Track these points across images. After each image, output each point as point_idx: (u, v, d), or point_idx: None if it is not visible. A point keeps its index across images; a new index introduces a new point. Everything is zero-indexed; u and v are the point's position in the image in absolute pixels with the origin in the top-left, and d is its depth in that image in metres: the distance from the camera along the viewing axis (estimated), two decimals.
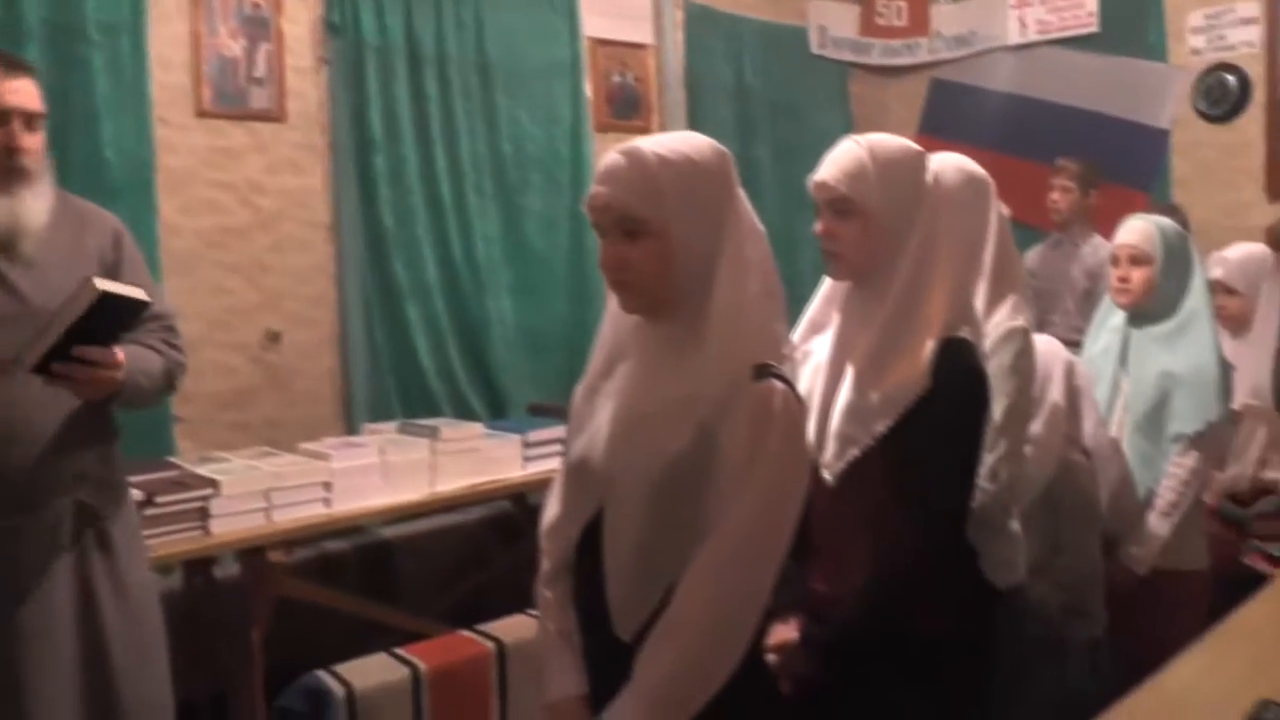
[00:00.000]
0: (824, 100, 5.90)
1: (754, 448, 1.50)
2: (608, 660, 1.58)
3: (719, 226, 1.55)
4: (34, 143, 2.17)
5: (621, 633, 1.56)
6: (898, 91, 6.26)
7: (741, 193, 1.61)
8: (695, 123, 5.16)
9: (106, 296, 1.97)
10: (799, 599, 1.88)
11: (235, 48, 3.87)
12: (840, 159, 1.85)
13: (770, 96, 5.58)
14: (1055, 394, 2.42)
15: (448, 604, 3.67)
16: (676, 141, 1.57)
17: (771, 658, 1.79)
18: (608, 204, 1.54)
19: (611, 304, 1.66)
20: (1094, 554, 2.50)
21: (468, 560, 3.92)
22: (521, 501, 3.75)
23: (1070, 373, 2.48)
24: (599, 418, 1.62)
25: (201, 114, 3.81)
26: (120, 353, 2.11)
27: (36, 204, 2.16)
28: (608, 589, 1.57)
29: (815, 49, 5.91)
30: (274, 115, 3.96)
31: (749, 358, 1.53)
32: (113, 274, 2.22)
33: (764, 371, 1.53)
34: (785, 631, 1.82)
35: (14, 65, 2.19)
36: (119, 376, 2.10)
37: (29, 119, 2.16)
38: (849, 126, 5.87)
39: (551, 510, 1.73)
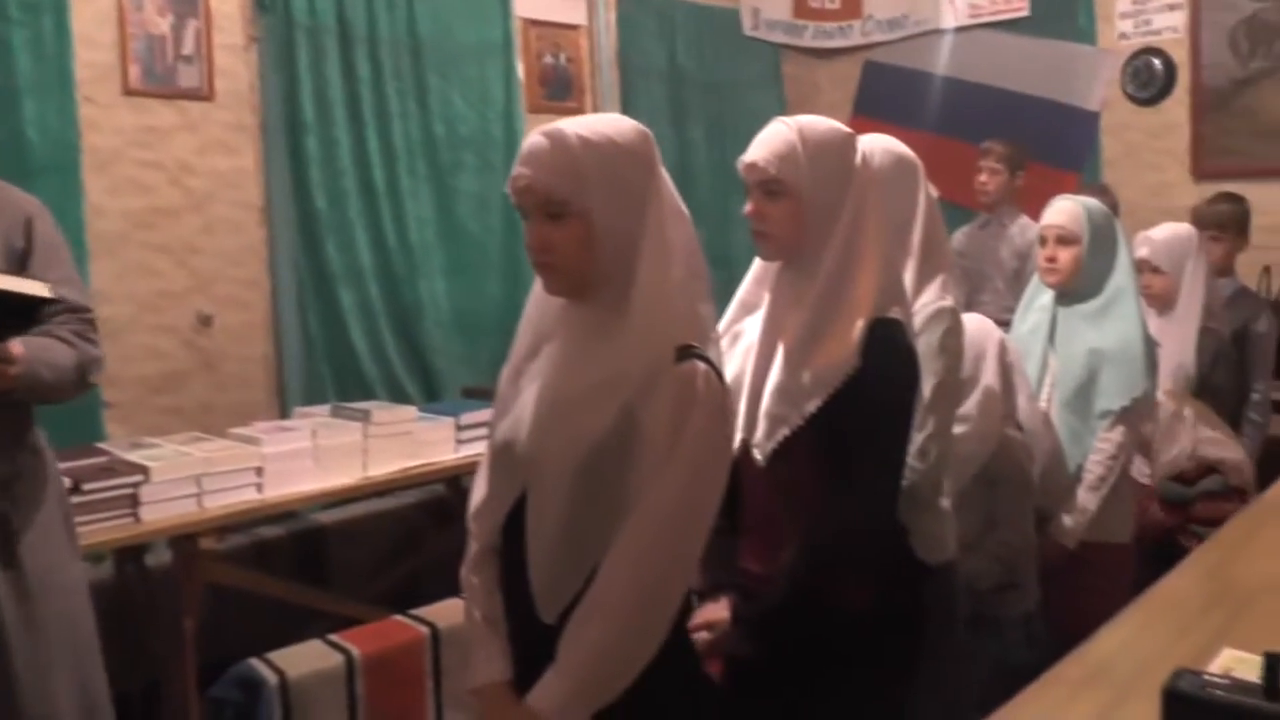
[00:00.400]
0: (757, 81, 5.91)
1: (676, 428, 1.50)
2: (533, 644, 1.58)
3: (641, 208, 1.54)
4: None
5: (545, 615, 1.55)
6: (830, 73, 6.30)
7: (665, 175, 1.61)
8: (628, 104, 5.15)
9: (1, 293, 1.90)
10: (730, 578, 1.89)
11: (163, 25, 3.79)
12: (770, 140, 1.85)
13: (703, 78, 5.58)
14: (989, 372, 2.46)
15: (382, 588, 3.65)
16: (599, 123, 1.57)
17: (703, 636, 1.81)
18: (530, 186, 1.53)
19: (536, 286, 1.65)
20: (1028, 528, 2.55)
21: (401, 544, 3.90)
22: (455, 485, 3.73)
23: (1003, 350, 2.52)
24: (523, 400, 1.62)
25: (128, 92, 3.74)
26: (16, 345, 2.02)
27: None
28: (531, 572, 1.56)
29: (748, 31, 5.92)
30: (203, 94, 3.90)
31: (672, 339, 1.53)
32: (21, 261, 2.14)
33: (687, 353, 1.53)
34: (716, 610, 1.84)
35: None
36: (15, 371, 2.01)
37: None
38: (782, 108, 5.90)
39: (478, 493, 1.72)
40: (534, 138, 1.56)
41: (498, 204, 4.60)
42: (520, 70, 4.79)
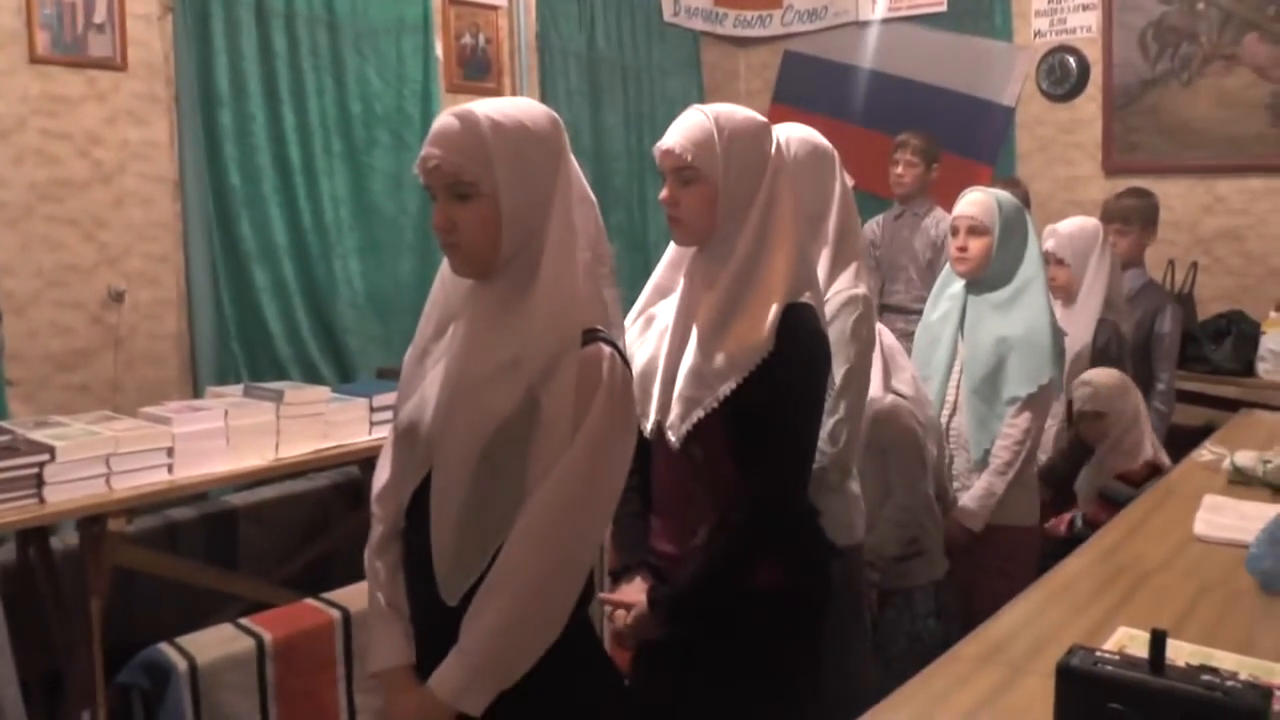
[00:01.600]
0: (675, 68, 5.93)
1: (579, 411, 1.51)
2: (436, 627, 1.58)
3: (548, 192, 1.55)
4: None
5: (448, 598, 1.55)
6: (749, 61, 6.34)
7: (573, 160, 1.61)
8: (546, 86, 5.13)
9: None
10: (643, 559, 1.91)
11: None
12: (686, 127, 1.87)
13: (622, 62, 5.58)
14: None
15: (293, 571, 3.60)
16: (510, 106, 1.57)
17: (620, 616, 1.82)
18: (439, 166, 1.53)
19: (443, 266, 1.66)
20: (924, 489, 2.60)
21: (313, 527, 3.85)
22: (368, 467, 3.67)
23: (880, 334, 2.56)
24: (428, 380, 1.61)
25: (35, 60, 3.62)
26: None
27: None
28: (434, 554, 1.56)
29: (668, 17, 5.92)
30: (114, 64, 3.79)
31: (577, 322, 1.54)
32: None
33: (592, 336, 1.54)
34: (631, 592, 1.85)
35: None
36: None
37: None
38: (700, 95, 5.93)
39: (381, 475, 1.72)
40: (444, 118, 1.55)
41: (412, 183, 4.54)
42: (439, 49, 4.74)
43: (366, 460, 3.59)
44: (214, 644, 2.65)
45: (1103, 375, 3.02)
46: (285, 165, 4.16)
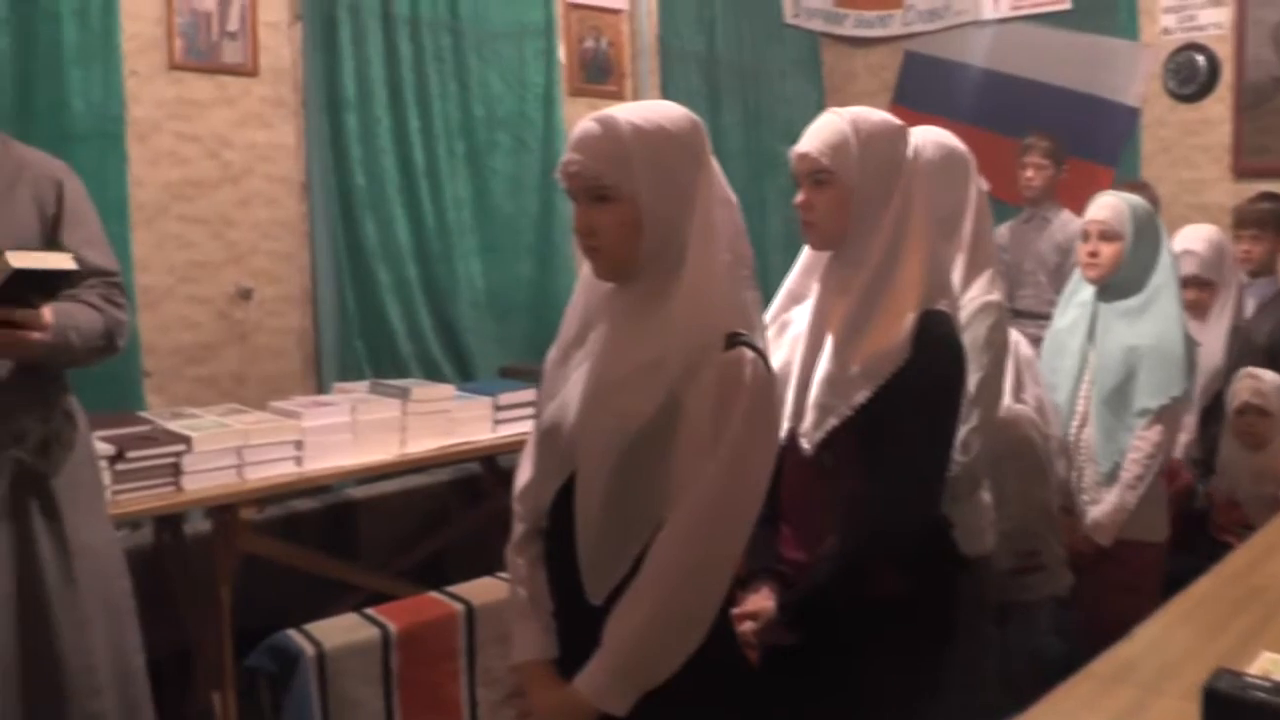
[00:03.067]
0: (794, 69, 5.90)
1: (721, 415, 1.52)
2: (579, 625, 1.60)
3: (689, 196, 1.56)
4: None
5: (593, 597, 1.57)
6: (868, 62, 6.28)
7: (714, 163, 1.63)
8: (666, 89, 5.15)
9: (21, 273, 1.93)
10: (770, 565, 1.91)
11: (208, 1, 3.81)
12: (822, 131, 1.87)
13: (741, 64, 5.57)
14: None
15: (410, 564, 3.68)
16: (650, 110, 1.59)
17: (748, 626, 1.83)
18: (579, 170, 1.55)
19: (584, 270, 1.68)
20: (1041, 501, 2.55)
21: (431, 521, 3.92)
22: (490, 464, 3.75)
23: (1016, 345, 2.52)
24: (570, 383, 1.64)
25: (172, 66, 3.76)
26: (47, 313, 2.05)
27: None
28: (579, 553, 1.58)
29: (788, 18, 5.90)
30: (245, 70, 3.91)
31: (718, 326, 1.55)
32: (52, 226, 2.17)
33: (734, 340, 1.55)
34: (759, 600, 1.86)
35: None
36: (44, 338, 2.04)
37: None
38: (819, 96, 5.89)
39: (523, 475, 1.74)
40: (585, 123, 1.58)
41: (533, 186, 4.61)
42: (561, 53, 4.79)
43: (488, 458, 3.66)
44: (340, 632, 2.72)
45: (1270, 373, 2.93)
46: (409, 167, 4.24)
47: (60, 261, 2.01)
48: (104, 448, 2.70)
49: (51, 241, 2.16)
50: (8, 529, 2.12)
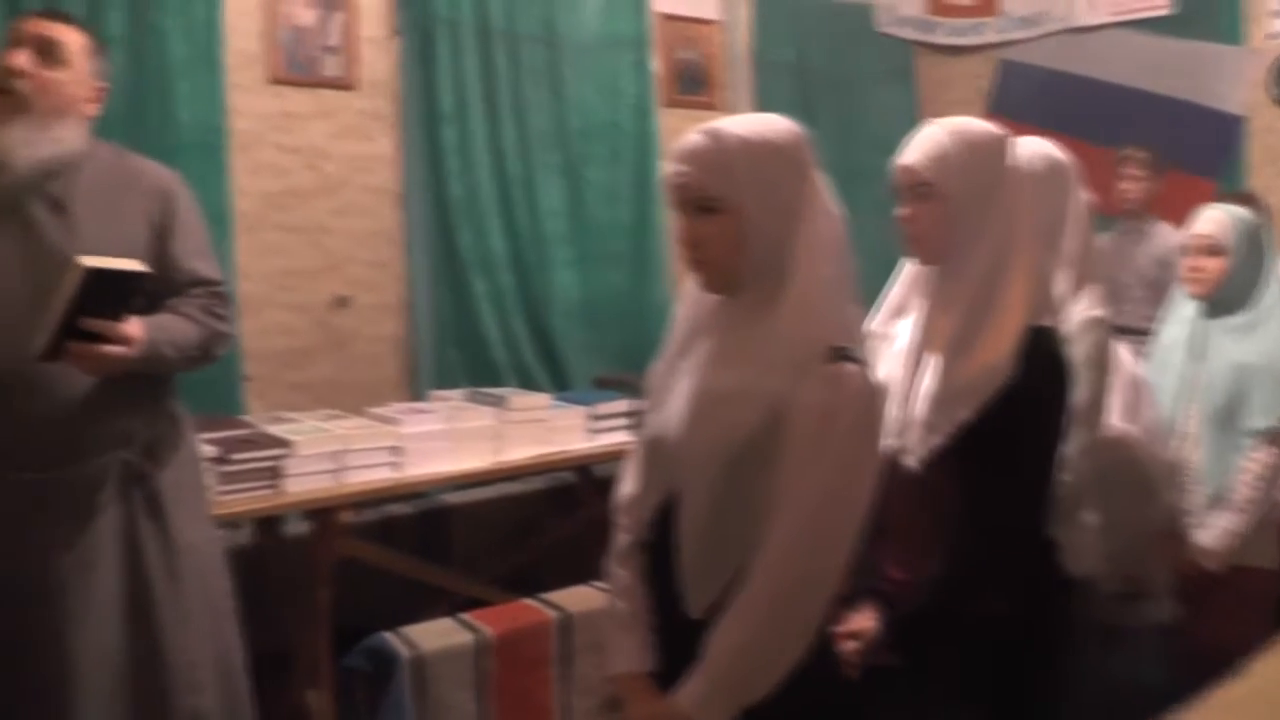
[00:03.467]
0: (887, 78, 5.85)
1: (825, 430, 1.51)
2: (678, 638, 1.60)
3: (794, 208, 1.56)
4: (46, 76, 2.13)
5: (693, 610, 1.58)
6: (961, 71, 6.19)
7: (819, 176, 1.62)
8: (758, 99, 5.15)
9: (99, 272, 1.94)
10: (871, 584, 1.90)
11: (309, 17, 3.91)
12: (923, 142, 1.86)
13: (833, 74, 5.54)
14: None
15: (504, 571, 3.72)
16: (756, 123, 1.59)
17: (851, 645, 1.81)
18: (685, 182, 1.56)
19: (689, 282, 1.68)
20: (1148, 526, 2.48)
21: (525, 529, 3.96)
22: (584, 473, 3.78)
23: (1129, 364, 2.47)
24: (675, 395, 1.64)
25: (273, 80, 3.86)
26: (135, 325, 2.08)
27: (29, 139, 2.11)
28: (681, 566, 1.59)
29: (880, 27, 5.86)
30: (344, 83, 4.00)
31: (823, 339, 1.54)
32: (162, 235, 2.22)
33: (838, 354, 1.54)
34: (862, 620, 1.84)
35: (53, 12, 2.21)
36: (131, 352, 2.07)
37: (46, 49, 2.14)
38: (912, 105, 5.83)
39: (627, 486, 1.76)
40: (691, 135, 1.59)
41: (627, 196, 4.65)
42: (654, 65, 4.81)
43: (583, 466, 3.69)
44: (436, 636, 2.76)
45: None
46: (504, 178, 4.29)
47: (130, 265, 2.02)
48: (207, 450, 2.78)
49: (160, 251, 2.22)
50: (115, 528, 2.17)
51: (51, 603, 2.12)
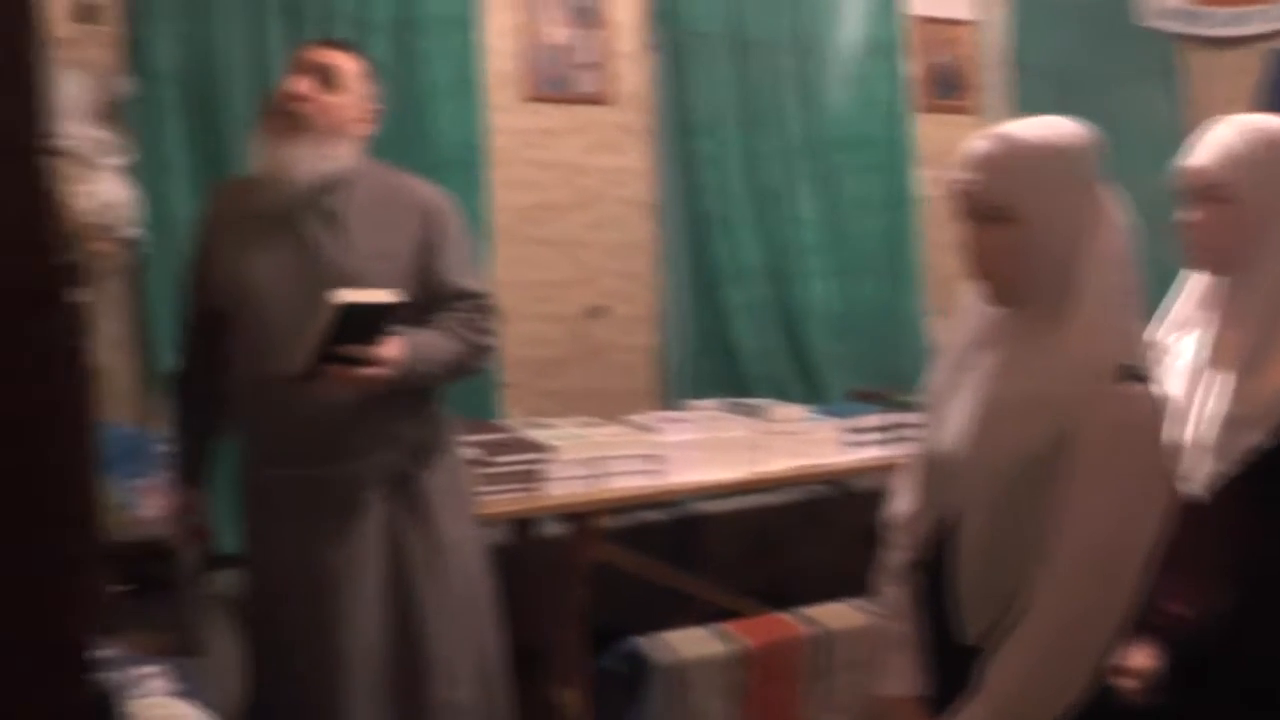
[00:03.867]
0: (1149, 76, 5.52)
1: (1114, 451, 1.45)
2: (951, 662, 1.57)
3: (1083, 217, 1.51)
4: (324, 100, 2.25)
5: (969, 635, 1.54)
6: (1226, 64, 5.78)
7: (1106, 184, 1.56)
8: (1016, 101, 4.95)
9: (352, 306, 2.04)
10: (1149, 618, 1.79)
11: (564, 35, 4.02)
12: (1212, 142, 1.76)
13: (1094, 73, 5.27)
14: None
15: (755, 582, 3.71)
16: (1046, 128, 1.54)
17: (1130, 684, 1.72)
18: (970, 190, 1.52)
19: (969, 294, 1.64)
20: None
21: (777, 540, 3.94)
22: (838, 487, 3.75)
23: None
24: (954, 410, 1.60)
25: (529, 98, 3.99)
26: (393, 347, 2.16)
27: (305, 157, 2.23)
28: (957, 588, 1.55)
29: (1143, 20, 5.54)
30: (599, 99, 4.09)
31: (1111, 356, 1.48)
32: (428, 250, 2.31)
33: (1127, 372, 1.48)
34: (1141, 658, 1.74)
35: (332, 41, 2.35)
36: (386, 373, 2.15)
37: (326, 75, 2.26)
38: (1175, 104, 5.49)
39: (900, 503, 1.73)
40: (978, 141, 1.55)
41: (882, 205, 4.57)
42: (910, 70, 4.72)
43: (837, 480, 3.65)
44: (694, 644, 2.80)
45: None
46: (758, 189, 4.28)
47: (385, 296, 2.11)
48: (469, 452, 2.89)
49: (426, 265, 2.32)
50: (381, 524, 2.29)
51: (322, 593, 2.26)
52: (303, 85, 2.24)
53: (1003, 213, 1.51)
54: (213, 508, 2.54)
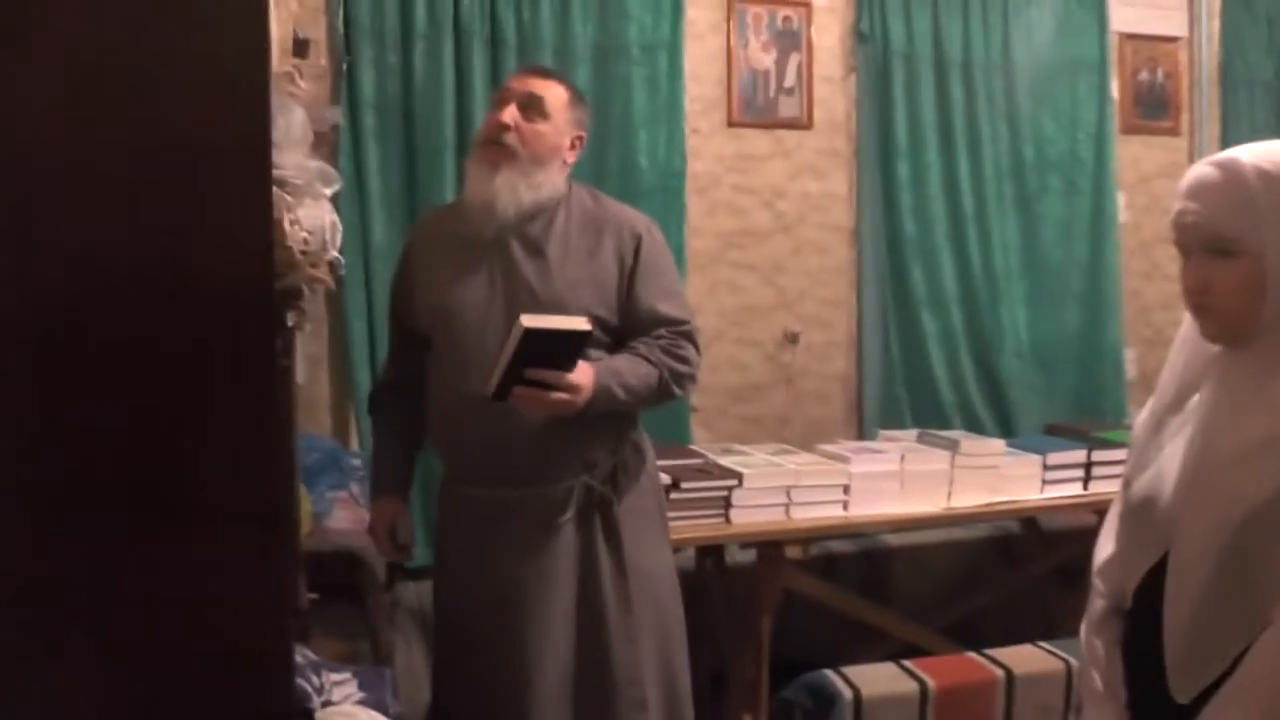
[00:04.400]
0: None
1: None
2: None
3: None
4: (526, 127, 2.28)
5: (1178, 694, 1.44)
6: None
7: None
8: (1228, 123, 4.71)
9: (538, 332, 2.05)
10: None
11: (766, 60, 4.04)
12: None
13: None
14: None
15: (944, 619, 3.62)
16: (1275, 153, 1.43)
17: None
18: (1197, 222, 1.43)
19: (1185, 329, 1.55)
20: None
21: (968, 578, 3.84)
22: (1032, 525, 3.62)
23: None
24: (1167, 454, 1.51)
25: (731, 124, 4.02)
26: (583, 373, 2.16)
27: (514, 185, 2.26)
28: (1166, 644, 1.46)
29: None
30: (800, 123, 4.09)
31: None
32: (629, 275, 2.31)
33: None
34: None
35: (539, 68, 2.39)
36: (571, 398, 2.15)
37: (530, 104, 2.29)
38: None
39: (1106, 548, 1.65)
40: (1202, 168, 1.46)
41: (1084, 230, 4.41)
42: (1114, 89, 4.54)
43: (1030, 518, 3.53)
44: (879, 680, 2.74)
45: None
46: (958, 213, 4.21)
47: (574, 324, 2.11)
48: (663, 477, 2.91)
49: (627, 290, 2.33)
50: (573, 547, 2.30)
51: (512, 607, 2.28)
52: (509, 114, 2.29)
53: (1230, 246, 1.41)
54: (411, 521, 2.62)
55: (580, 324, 2.12)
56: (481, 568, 2.32)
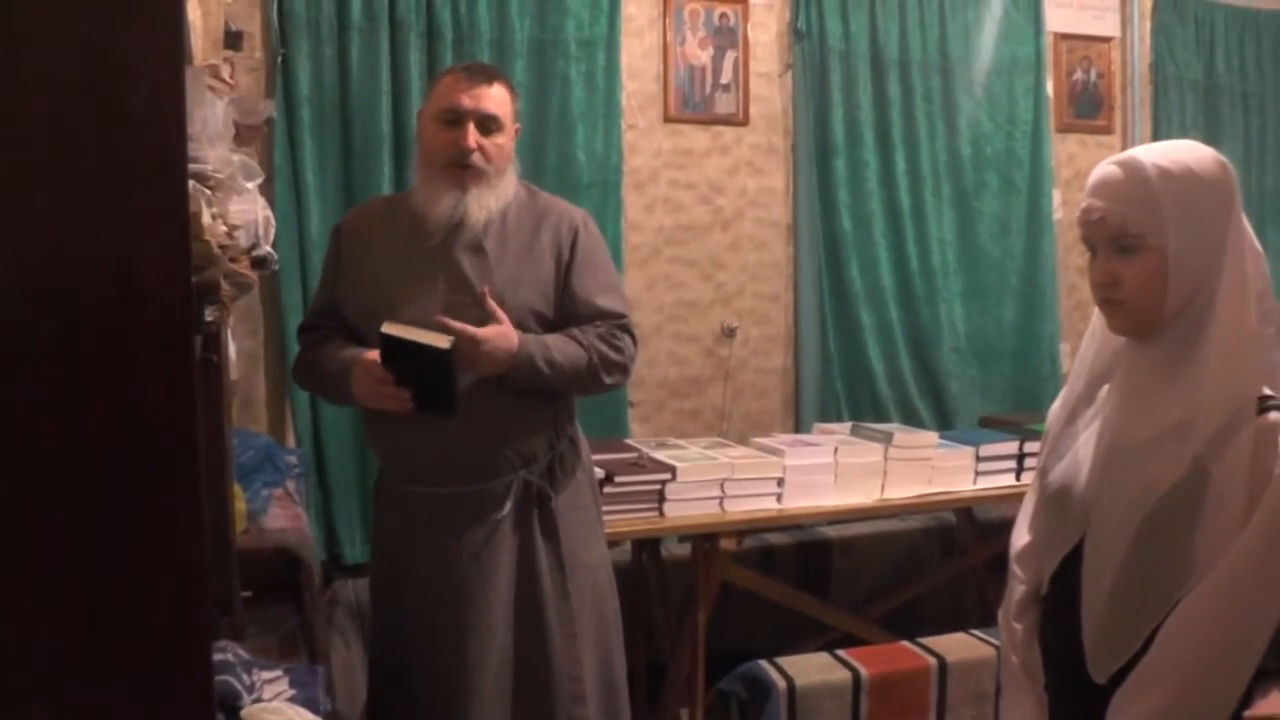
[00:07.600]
0: None
1: (1255, 486, 1.39)
2: (1076, 702, 1.52)
3: (1219, 245, 1.45)
4: (488, 144, 2.28)
5: (1096, 674, 1.49)
6: None
7: (1241, 209, 1.49)
8: (1158, 120, 4.81)
9: (397, 342, 2.11)
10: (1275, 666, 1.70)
11: (703, 56, 4.06)
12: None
13: (1242, 90, 5.04)
14: None
15: (880, 609, 3.67)
16: (1176, 152, 1.48)
17: None
18: (1103, 217, 1.48)
19: (1095, 323, 1.60)
20: None
21: (903, 568, 3.89)
22: (967, 516, 3.67)
23: None
24: (1081, 443, 1.56)
25: (668, 119, 4.03)
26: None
27: (483, 200, 2.28)
28: (1085, 625, 1.50)
29: None
30: (737, 120, 4.11)
31: (1250, 388, 1.42)
32: (565, 268, 2.33)
33: (1266, 403, 1.42)
34: (1270, 706, 1.67)
35: (480, 73, 2.33)
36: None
37: (484, 121, 2.28)
38: None
39: (1022, 536, 1.69)
40: (1106, 167, 1.50)
41: (1020, 227, 4.48)
42: (1049, 88, 4.61)
43: (965, 509, 3.58)
44: (813, 669, 2.78)
45: None
46: (895, 209, 4.25)
47: (434, 340, 2.11)
48: (598, 471, 2.91)
49: (564, 284, 2.34)
50: (511, 542, 2.31)
51: (455, 605, 2.29)
52: (473, 139, 2.27)
53: (1135, 242, 1.45)
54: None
55: (442, 342, 2.11)
56: (421, 564, 2.32)
